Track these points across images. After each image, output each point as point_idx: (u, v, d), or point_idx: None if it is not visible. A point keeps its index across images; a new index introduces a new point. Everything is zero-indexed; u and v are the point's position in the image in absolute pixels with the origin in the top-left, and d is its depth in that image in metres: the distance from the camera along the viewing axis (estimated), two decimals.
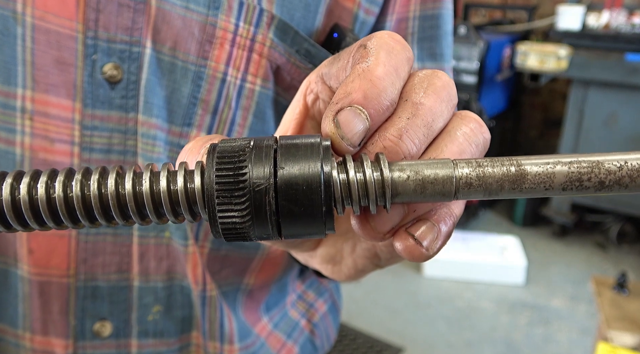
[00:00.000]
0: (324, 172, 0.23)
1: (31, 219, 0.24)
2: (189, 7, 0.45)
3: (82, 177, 0.24)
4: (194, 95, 0.47)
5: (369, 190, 0.24)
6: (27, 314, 0.49)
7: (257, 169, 0.23)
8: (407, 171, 0.24)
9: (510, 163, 0.24)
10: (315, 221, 0.24)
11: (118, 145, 0.46)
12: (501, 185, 0.23)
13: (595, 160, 0.23)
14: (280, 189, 0.23)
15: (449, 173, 0.24)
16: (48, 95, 0.44)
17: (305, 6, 0.49)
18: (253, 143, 0.24)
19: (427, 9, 0.57)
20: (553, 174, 0.23)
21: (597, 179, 0.23)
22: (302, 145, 0.24)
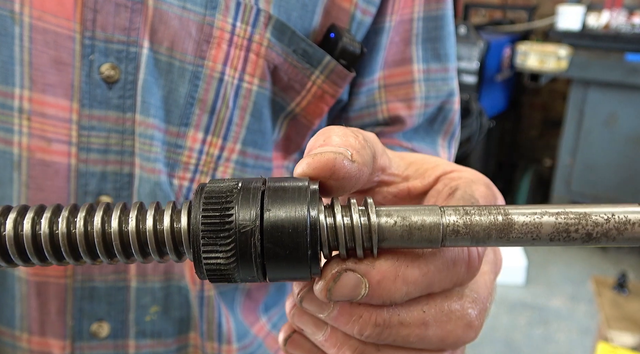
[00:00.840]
0: (311, 215, 0.23)
1: (15, 255, 0.24)
2: (186, 7, 0.45)
3: (69, 213, 0.24)
4: (192, 95, 0.47)
5: (355, 235, 0.24)
6: (25, 315, 0.49)
7: (243, 211, 0.23)
8: (394, 217, 0.24)
9: (498, 212, 0.24)
10: (300, 264, 0.24)
11: (115, 145, 0.46)
12: (488, 233, 0.24)
13: (582, 212, 0.23)
14: (266, 232, 0.23)
15: (437, 221, 0.24)
16: (45, 95, 0.44)
17: (303, 6, 0.49)
18: (241, 185, 0.24)
19: (430, 10, 0.57)
20: (540, 225, 0.23)
21: (584, 231, 0.23)
22: (290, 188, 0.24)
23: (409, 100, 0.58)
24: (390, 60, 0.57)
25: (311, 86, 0.51)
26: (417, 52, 0.58)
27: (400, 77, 0.58)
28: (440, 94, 0.60)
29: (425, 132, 0.61)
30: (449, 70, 0.60)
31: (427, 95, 0.59)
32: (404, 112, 0.58)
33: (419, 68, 0.58)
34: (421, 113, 0.59)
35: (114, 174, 0.47)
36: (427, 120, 0.61)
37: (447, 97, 0.61)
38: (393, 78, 0.58)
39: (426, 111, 0.60)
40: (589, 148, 2.96)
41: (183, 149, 0.48)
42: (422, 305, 0.26)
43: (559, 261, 3.02)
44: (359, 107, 0.59)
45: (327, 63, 0.50)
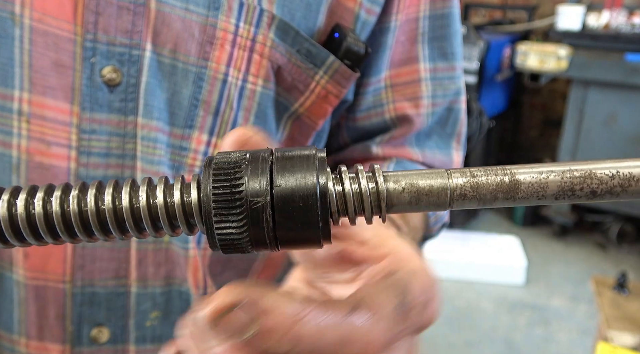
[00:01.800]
0: (320, 184, 0.23)
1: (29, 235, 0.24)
2: (188, 8, 0.44)
3: (79, 191, 0.24)
4: (195, 97, 0.47)
5: (364, 201, 0.24)
6: (23, 319, 0.48)
7: (253, 182, 0.23)
8: (402, 182, 0.24)
9: (504, 173, 0.24)
10: (312, 233, 0.24)
11: (116, 149, 0.46)
12: (495, 195, 0.24)
13: (587, 169, 0.23)
14: (277, 201, 0.23)
15: (444, 185, 0.24)
16: (45, 98, 0.44)
17: (307, 6, 0.49)
18: (249, 156, 0.24)
19: (437, 8, 0.57)
20: (546, 184, 0.24)
21: (589, 189, 0.23)
22: (298, 157, 0.24)
23: (416, 99, 0.58)
24: (396, 59, 0.57)
25: (315, 86, 0.51)
26: (423, 51, 0.57)
27: (407, 76, 0.58)
28: (448, 93, 0.59)
29: (439, 136, 0.61)
30: (456, 69, 0.60)
31: (434, 93, 0.58)
32: (411, 110, 0.58)
33: (425, 67, 0.58)
34: (429, 112, 0.59)
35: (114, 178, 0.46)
36: (438, 124, 0.61)
37: (454, 96, 0.60)
38: (400, 77, 0.58)
39: (434, 111, 0.59)
40: (589, 148, 2.96)
41: (188, 151, 0.48)
42: None
43: (559, 261, 3.02)
44: (366, 107, 0.58)
45: (331, 64, 0.50)
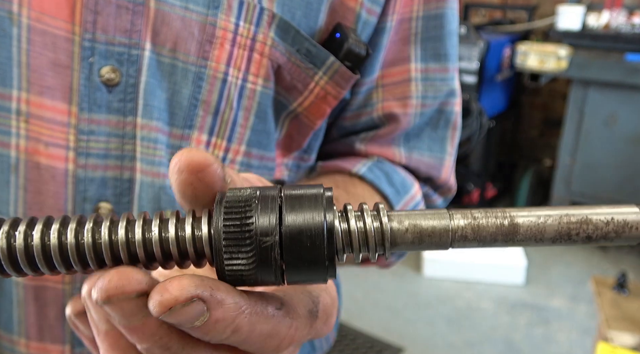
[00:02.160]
0: (327, 223, 0.24)
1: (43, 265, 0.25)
2: (188, 7, 0.44)
3: (93, 224, 0.25)
4: (195, 97, 0.46)
5: (369, 240, 0.25)
6: (23, 319, 0.48)
7: (263, 221, 0.24)
8: (405, 223, 0.25)
9: (504, 216, 0.25)
10: (318, 270, 0.25)
11: (115, 150, 0.45)
12: (494, 238, 0.25)
13: (583, 215, 0.25)
14: (285, 238, 0.24)
15: (446, 227, 0.25)
16: (43, 98, 0.43)
17: (307, 5, 0.48)
18: (259, 193, 0.25)
19: (430, 9, 0.56)
20: (544, 228, 0.25)
21: (585, 234, 0.25)
22: (306, 196, 0.25)
23: (405, 99, 0.57)
24: (388, 59, 0.57)
25: (314, 87, 0.51)
26: (415, 51, 0.57)
27: (397, 76, 0.57)
28: (439, 95, 0.59)
29: (430, 139, 0.60)
30: (449, 70, 0.59)
31: (424, 94, 0.58)
32: (398, 109, 0.57)
33: (416, 67, 0.57)
34: (418, 113, 0.58)
35: (113, 180, 0.46)
36: (429, 125, 0.60)
37: (446, 98, 0.60)
38: (390, 77, 0.57)
39: (424, 111, 0.58)
40: (589, 148, 2.96)
41: None
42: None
43: (559, 261, 3.02)
44: (356, 106, 0.58)
45: (331, 64, 0.50)
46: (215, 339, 0.24)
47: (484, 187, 3.36)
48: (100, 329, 0.25)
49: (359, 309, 2.54)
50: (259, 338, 0.25)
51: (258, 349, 0.26)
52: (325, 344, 0.68)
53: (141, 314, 0.24)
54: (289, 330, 0.27)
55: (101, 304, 0.23)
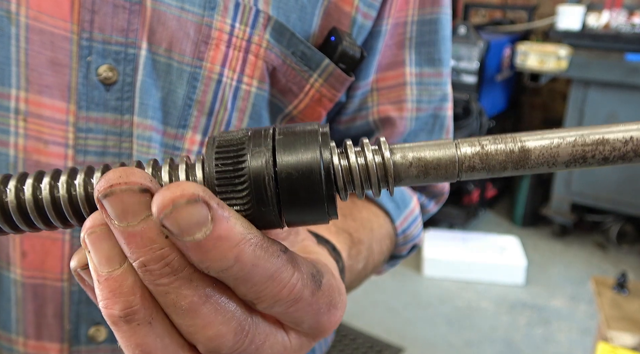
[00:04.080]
0: (323, 158, 0.23)
1: (54, 217, 0.24)
2: (184, 7, 0.45)
3: (85, 175, 0.24)
4: (190, 97, 0.47)
5: (370, 175, 0.24)
6: (21, 318, 0.49)
7: (255, 159, 0.23)
8: (409, 156, 0.24)
9: (514, 143, 0.23)
10: (317, 208, 0.23)
11: (113, 148, 0.46)
12: (504, 165, 0.23)
13: (600, 138, 0.23)
14: (280, 176, 0.23)
15: (452, 157, 0.23)
16: (42, 97, 0.44)
17: (301, 8, 0.49)
18: (251, 133, 0.24)
19: (425, 14, 0.56)
20: (557, 152, 0.23)
21: (602, 155, 0.23)
22: (301, 132, 0.24)
23: (400, 103, 0.58)
24: (383, 63, 0.57)
25: (309, 89, 0.51)
26: (410, 56, 0.57)
27: (392, 80, 0.58)
28: (433, 98, 0.59)
29: None
30: (443, 75, 0.60)
31: (419, 98, 0.58)
32: (394, 113, 0.58)
33: (411, 71, 0.58)
34: (413, 117, 0.59)
35: None
36: (424, 131, 0.61)
37: (440, 102, 0.60)
38: (385, 81, 0.58)
39: (419, 116, 0.59)
40: None
41: (181, 151, 0.48)
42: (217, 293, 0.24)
43: (559, 261, 3.02)
44: (352, 110, 0.58)
45: (326, 67, 0.50)
46: (215, 266, 0.23)
47: (484, 187, 3.36)
48: (101, 275, 0.24)
49: (359, 309, 2.54)
50: (260, 278, 0.24)
51: (256, 292, 0.24)
52: (323, 344, 0.68)
53: (142, 215, 0.22)
54: (291, 278, 0.25)
55: (102, 197, 0.22)
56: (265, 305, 0.25)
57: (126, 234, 0.22)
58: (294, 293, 0.25)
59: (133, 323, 0.24)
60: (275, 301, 0.25)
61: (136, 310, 0.24)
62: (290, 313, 0.26)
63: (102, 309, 0.24)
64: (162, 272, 0.23)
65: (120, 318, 0.24)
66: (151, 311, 0.24)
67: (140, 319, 0.24)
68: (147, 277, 0.23)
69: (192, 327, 0.24)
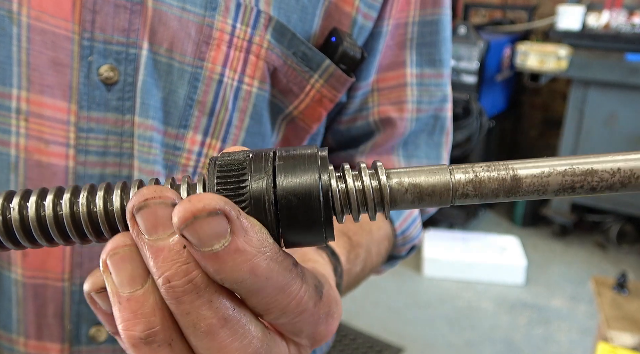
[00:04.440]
0: (322, 181, 0.24)
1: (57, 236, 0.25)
2: (185, 7, 0.45)
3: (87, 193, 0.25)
4: (191, 97, 0.47)
5: (367, 199, 0.24)
6: (21, 318, 0.48)
7: (256, 181, 0.24)
8: (405, 183, 0.25)
9: (506, 171, 0.24)
10: (315, 230, 0.24)
11: (114, 148, 0.46)
12: (496, 193, 0.24)
13: (589, 167, 0.24)
14: (280, 199, 0.24)
15: (446, 185, 0.24)
16: (43, 96, 0.44)
17: (302, 9, 0.49)
18: (252, 156, 0.25)
19: (426, 15, 0.56)
20: (547, 182, 0.24)
21: (589, 186, 0.24)
22: (300, 156, 0.24)
23: (401, 103, 0.58)
24: (384, 63, 0.57)
25: (310, 90, 0.51)
26: (411, 56, 0.57)
27: (393, 81, 0.58)
28: (434, 99, 0.59)
29: (427, 146, 0.61)
30: (443, 76, 0.60)
31: (419, 99, 0.58)
32: (394, 114, 0.58)
33: (412, 72, 0.58)
34: (413, 118, 0.59)
35: (112, 176, 0.46)
36: (424, 132, 0.61)
37: (440, 103, 0.60)
38: (386, 81, 0.58)
39: (419, 116, 0.59)
40: (589, 148, 2.96)
41: (182, 151, 0.48)
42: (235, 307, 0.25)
43: (559, 261, 3.02)
44: (352, 110, 0.58)
45: (327, 67, 0.50)
46: (231, 277, 0.23)
47: None
48: (122, 296, 0.24)
49: (358, 309, 2.54)
50: (272, 290, 0.24)
51: (267, 304, 0.25)
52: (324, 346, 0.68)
53: (171, 229, 0.23)
54: (299, 291, 0.26)
55: (137, 210, 0.23)
56: (273, 317, 0.26)
57: (155, 248, 0.23)
58: (301, 304, 0.26)
59: (154, 345, 0.24)
60: (283, 312, 0.26)
61: (157, 331, 0.24)
62: (294, 323, 0.27)
63: (122, 332, 0.24)
64: (185, 289, 0.23)
65: (140, 339, 0.24)
66: (171, 332, 0.24)
67: (161, 340, 0.24)
68: (169, 294, 0.23)
69: (209, 351, 0.25)
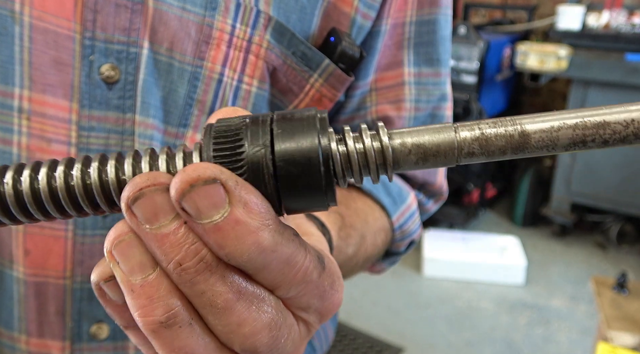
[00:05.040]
0: (322, 144, 0.23)
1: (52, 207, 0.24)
2: (185, 7, 0.45)
3: (82, 165, 0.24)
4: (190, 96, 0.47)
5: (369, 162, 0.24)
6: (23, 316, 0.49)
7: (254, 145, 0.23)
8: (408, 143, 0.23)
9: (514, 126, 0.23)
10: (316, 195, 0.23)
11: (115, 146, 0.46)
12: (504, 151, 0.23)
13: (601, 121, 0.22)
14: (278, 163, 0.23)
15: (451, 144, 0.23)
16: (45, 95, 0.44)
17: (301, 9, 0.49)
18: (249, 120, 0.24)
19: (423, 14, 0.57)
20: (557, 137, 0.23)
21: (602, 139, 0.23)
22: (298, 118, 0.23)
23: (399, 102, 0.58)
24: (382, 63, 0.57)
25: (309, 89, 0.51)
26: (408, 56, 0.58)
27: (391, 80, 0.58)
28: (432, 98, 0.60)
29: None
30: (442, 75, 0.60)
31: (417, 98, 0.59)
32: (392, 112, 0.58)
33: (409, 71, 0.58)
34: (411, 116, 0.59)
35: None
36: None
37: (438, 102, 0.61)
38: (384, 81, 0.58)
39: (417, 115, 0.59)
40: None
41: None
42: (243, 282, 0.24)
43: (559, 261, 3.02)
44: (350, 109, 0.59)
45: (326, 67, 0.50)
46: (236, 252, 0.23)
47: (484, 187, 3.36)
48: (134, 284, 0.23)
49: (358, 309, 2.55)
50: (278, 264, 0.24)
51: (274, 278, 0.24)
52: (324, 344, 0.69)
53: (173, 213, 0.22)
54: (304, 261, 0.25)
55: (132, 202, 0.22)
56: (282, 292, 0.26)
57: (159, 236, 0.22)
58: (307, 275, 0.25)
59: (175, 327, 0.24)
60: (290, 286, 0.25)
61: (177, 312, 0.24)
62: (300, 297, 0.26)
63: (140, 319, 0.24)
64: (198, 268, 0.23)
65: (161, 323, 0.24)
66: (190, 311, 0.24)
67: (182, 321, 0.24)
68: (183, 277, 0.23)
69: (228, 326, 0.24)
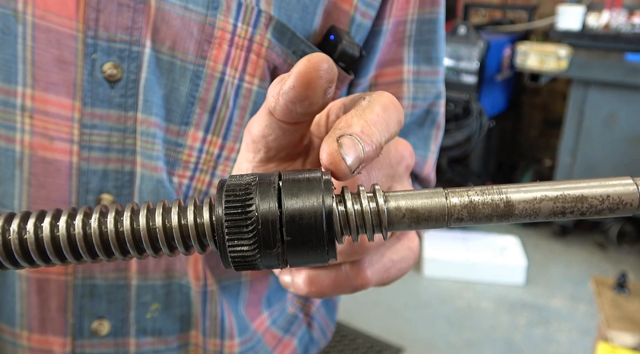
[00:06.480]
0: (326, 206, 0.25)
1: (54, 255, 0.26)
2: (187, 7, 0.45)
3: (99, 215, 0.26)
4: (192, 94, 0.47)
5: (366, 221, 0.26)
6: (25, 312, 0.49)
7: (263, 205, 0.25)
8: (402, 206, 0.26)
9: (500, 198, 0.26)
10: (318, 251, 0.25)
11: (117, 144, 0.46)
12: (490, 217, 0.26)
13: (579, 194, 0.25)
14: (286, 221, 0.25)
15: (442, 210, 0.26)
16: (48, 94, 0.44)
17: (303, 8, 0.49)
18: (258, 179, 0.26)
19: (424, 13, 0.57)
20: (539, 208, 0.25)
21: (579, 211, 0.25)
22: (304, 180, 0.26)
23: (397, 99, 0.58)
24: (382, 60, 0.58)
25: None
26: (408, 54, 0.58)
27: (390, 77, 0.59)
28: (429, 96, 0.61)
29: (416, 137, 0.62)
30: (439, 73, 0.61)
31: (415, 95, 0.59)
32: None
33: (409, 69, 0.59)
34: (408, 113, 0.60)
35: (115, 172, 0.47)
36: (416, 124, 0.62)
37: (434, 99, 0.61)
38: (383, 77, 0.59)
39: (413, 112, 0.60)
40: (589, 148, 2.97)
41: (183, 148, 0.49)
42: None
43: (559, 261, 3.02)
44: None
45: None
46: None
47: None
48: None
49: (358, 309, 2.55)
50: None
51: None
52: (323, 337, 0.69)
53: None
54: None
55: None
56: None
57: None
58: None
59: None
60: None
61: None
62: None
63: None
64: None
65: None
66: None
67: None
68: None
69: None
